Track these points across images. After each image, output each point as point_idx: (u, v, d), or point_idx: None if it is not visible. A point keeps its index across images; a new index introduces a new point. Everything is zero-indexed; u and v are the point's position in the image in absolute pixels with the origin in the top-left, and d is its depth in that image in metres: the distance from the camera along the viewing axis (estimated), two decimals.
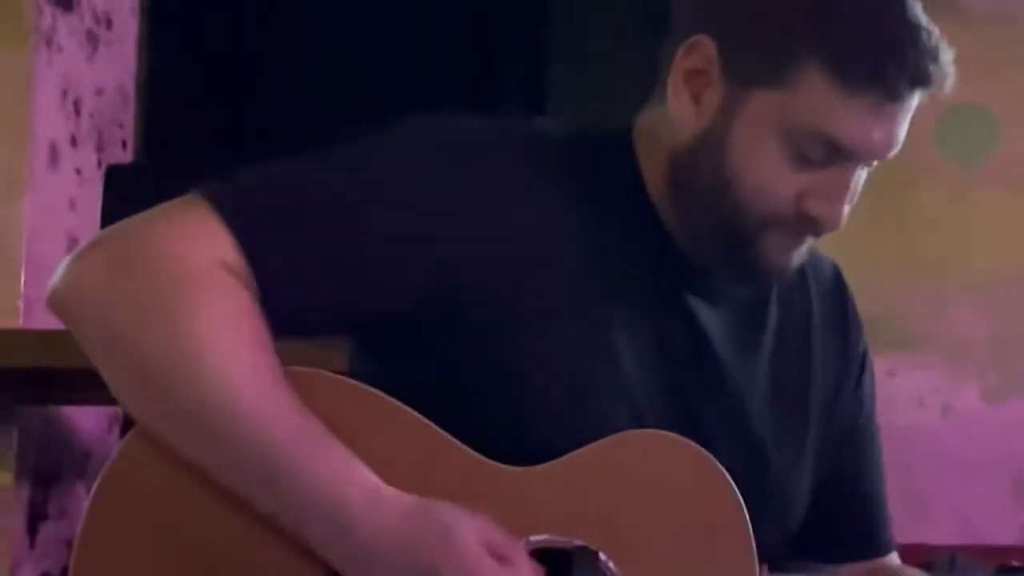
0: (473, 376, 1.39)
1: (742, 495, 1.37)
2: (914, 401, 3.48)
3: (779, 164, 1.37)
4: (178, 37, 3.49)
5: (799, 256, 1.44)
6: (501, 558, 1.30)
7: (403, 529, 1.30)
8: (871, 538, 1.57)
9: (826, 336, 1.54)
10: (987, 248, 3.49)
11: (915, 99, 1.37)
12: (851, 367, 1.56)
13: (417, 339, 1.40)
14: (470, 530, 1.30)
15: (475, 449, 1.37)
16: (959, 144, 3.48)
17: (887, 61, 1.34)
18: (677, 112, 1.40)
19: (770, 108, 1.36)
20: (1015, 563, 1.70)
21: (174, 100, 3.47)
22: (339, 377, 1.39)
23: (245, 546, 1.35)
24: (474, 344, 1.39)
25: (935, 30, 1.37)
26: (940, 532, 3.39)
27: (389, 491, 1.31)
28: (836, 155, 1.37)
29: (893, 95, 1.35)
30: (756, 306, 1.51)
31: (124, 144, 3.44)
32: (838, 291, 1.57)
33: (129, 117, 3.45)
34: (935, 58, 1.35)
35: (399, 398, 1.37)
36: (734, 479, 1.37)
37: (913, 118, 1.39)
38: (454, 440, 1.37)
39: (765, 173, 1.37)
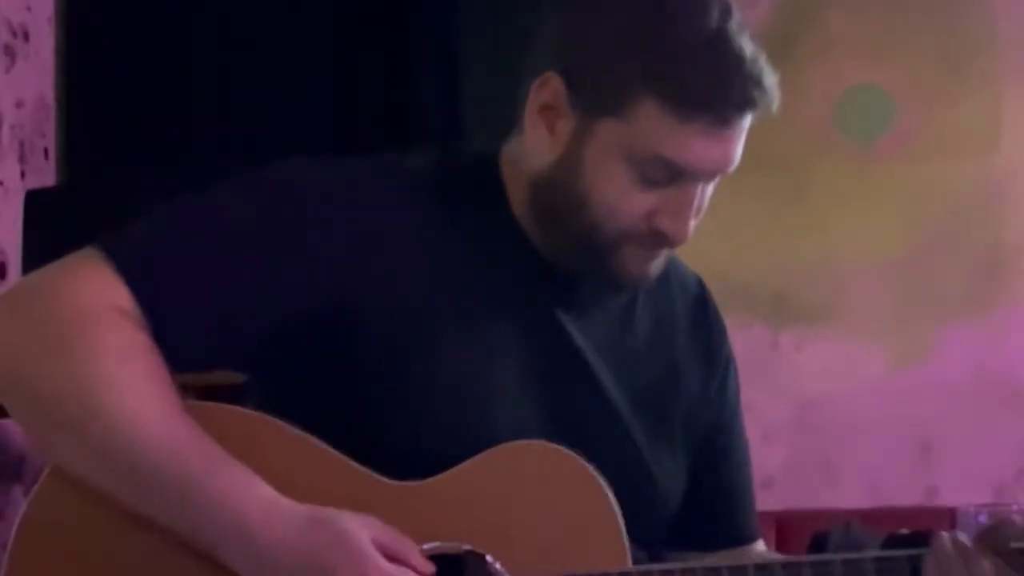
0: (360, 398, 1.50)
1: (619, 494, 1.49)
2: (822, 372, 3.61)
3: (626, 186, 1.49)
4: (96, 48, 3.53)
5: (657, 267, 1.56)
6: (393, 557, 1.43)
7: (300, 535, 1.41)
8: (736, 528, 1.68)
9: (691, 341, 1.66)
10: (887, 222, 3.62)
11: (746, 120, 1.50)
12: (715, 369, 1.68)
13: (305, 366, 1.51)
14: (363, 531, 1.42)
15: (367, 466, 1.47)
16: (857, 123, 3.60)
17: (714, 92, 1.46)
18: (534, 142, 1.53)
19: (614, 136, 1.49)
20: (904, 531, 1.83)
21: (95, 112, 3.51)
22: (234, 407, 1.49)
23: (164, 570, 1.45)
24: (360, 367, 1.49)
25: (760, 57, 1.48)
26: (850, 497, 3.52)
27: (285, 502, 1.43)
28: (678, 175, 1.49)
29: (723, 121, 1.48)
30: (624, 315, 1.62)
31: (46, 153, 3.50)
32: (701, 300, 1.69)
33: (51, 129, 3.51)
34: (759, 84, 1.47)
35: (293, 424, 1.48)
36: (612, 480, 1.49)
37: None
38: (347, 459, 1.47)
39: (614, 195, 1.50)
